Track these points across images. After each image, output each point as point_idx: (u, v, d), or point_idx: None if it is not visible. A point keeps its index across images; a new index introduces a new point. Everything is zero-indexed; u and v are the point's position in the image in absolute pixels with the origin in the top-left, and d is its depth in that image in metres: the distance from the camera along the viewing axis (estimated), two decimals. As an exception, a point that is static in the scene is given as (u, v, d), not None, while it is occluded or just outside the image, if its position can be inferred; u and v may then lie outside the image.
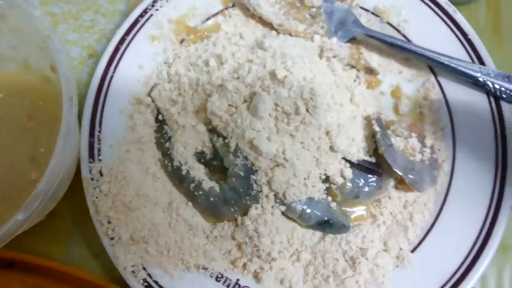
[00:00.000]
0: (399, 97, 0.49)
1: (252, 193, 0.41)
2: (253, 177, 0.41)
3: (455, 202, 0.45)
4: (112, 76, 0.46)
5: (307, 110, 0.42)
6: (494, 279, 0.46)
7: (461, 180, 0.45)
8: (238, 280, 0.43)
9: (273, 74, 0.42)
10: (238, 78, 0.43)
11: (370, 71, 0.49)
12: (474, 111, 0.46)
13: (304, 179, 0.43)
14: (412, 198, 0.46)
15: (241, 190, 0.42)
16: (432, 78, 0.48)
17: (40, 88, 0.45)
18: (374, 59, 0.49)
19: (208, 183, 0.44)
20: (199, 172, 0.45)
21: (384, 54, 0.50)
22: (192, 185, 0.44)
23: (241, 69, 0.43)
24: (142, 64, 0.47)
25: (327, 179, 0.44)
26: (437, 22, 0.49)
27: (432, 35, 0.49)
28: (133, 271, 0.41)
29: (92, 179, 0.43)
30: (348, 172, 0.44)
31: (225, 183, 0.43)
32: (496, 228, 0.43)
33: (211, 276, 0.43)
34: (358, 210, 0.45)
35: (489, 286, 0.46)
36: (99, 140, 0.44)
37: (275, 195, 0.42)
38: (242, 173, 0.42)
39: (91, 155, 0.43)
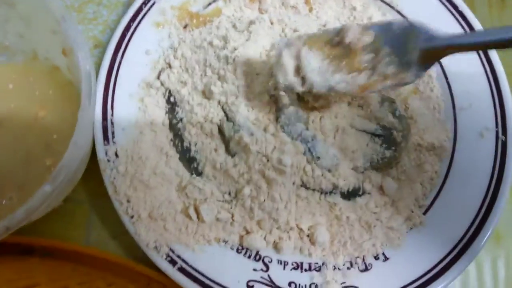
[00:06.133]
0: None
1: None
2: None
3: (461, 163, 0.47)
4: (120, 62, 0.47)
5: None
6: (489, 267, 0.48)
7: (464, 141, 0.47)
8: (258, 251, 0.43)
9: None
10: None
11: None
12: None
13: None
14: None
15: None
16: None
17: (49, 77, 0.46)
18: None
19: (222, 157, 0.44)
20: (207, 151, 0.45)
21: None
22: (201, 164, 0.45)
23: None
24: (148, 50, 0.48)
25: None
26: (427, -5, 0.52)
27: (424, 9, 0.52)
28: (155, 247, 0.41)
29: (109, 161, 0.43)
30: None
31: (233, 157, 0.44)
32: (503, 184, 0.44)
33: (231, 249, 0.43)
34: None
35: (485, 274, 0.48)
36: (112, 123, 0.44)
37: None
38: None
39: (106, 138, 0.44)
